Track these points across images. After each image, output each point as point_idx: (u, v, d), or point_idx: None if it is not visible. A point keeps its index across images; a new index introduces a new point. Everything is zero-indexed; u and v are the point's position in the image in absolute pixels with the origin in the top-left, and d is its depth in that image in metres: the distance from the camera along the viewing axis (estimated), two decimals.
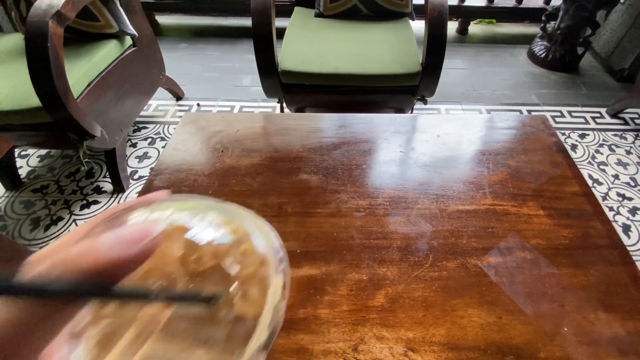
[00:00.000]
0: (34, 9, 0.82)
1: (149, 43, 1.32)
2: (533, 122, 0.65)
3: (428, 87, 1.11)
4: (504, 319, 0.39)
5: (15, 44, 1.14)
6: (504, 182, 0.53)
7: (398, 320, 0.39)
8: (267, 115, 0.68)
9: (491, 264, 0.44)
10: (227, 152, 0.58)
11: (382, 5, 1.30)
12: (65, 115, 0.86)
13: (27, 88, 0.90)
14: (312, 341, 0.38)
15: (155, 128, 1.45)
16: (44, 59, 0.79)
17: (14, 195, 1.19)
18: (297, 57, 1.09)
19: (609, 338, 0.38)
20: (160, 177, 0.54)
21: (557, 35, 1.81)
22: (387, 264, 0.44)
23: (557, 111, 1.60)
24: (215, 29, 2.22)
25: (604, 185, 1.25)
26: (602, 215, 0.49)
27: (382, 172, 0.55)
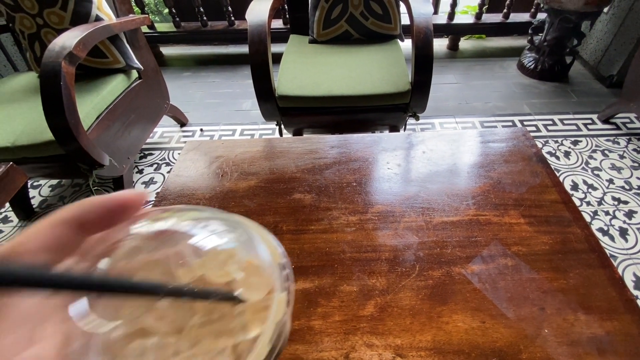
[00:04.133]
0: (48, 50, 0.89)
1: (154, 74, 1.40)
2: (514, 135, 0.69)
3: (418, 104, 1.16)
4: (487, 323, 0.42)
5: (29, 83, 1.22)
6: (486, 193, 0.57)
7: (387, 328, 0.42)
8: (264, 139, 0.73)
9: (474, 272, 0.46)
10: (227, 176, 0.62)
11: (372, 29, 1.37)
12: (76, 147, 0.92)
13: (40, 123, 0.96)
14: (306, 351, 0.40)
15: (160, 154, 1.52)
16: (57, 96, 0.86)
17: (26, 225, 1.24)
18: (292, 82, 1.16)
19: (588, 338, 0.40)
20: (164, 203, 0.58)
21: (544, 47, 1.88)
22: (376, 275, 0.47)
23: (549, 120, 1.64)
24: (216, 57, 2.34)
25: (599, 190, 1.26)
26: (581, 221, 0.52)
27: (371, 189, 0.59)
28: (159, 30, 2.13)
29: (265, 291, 0.15)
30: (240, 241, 0.16)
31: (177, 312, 0.14)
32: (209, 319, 0.14)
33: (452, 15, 2.12)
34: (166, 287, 0.13)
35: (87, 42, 0.95)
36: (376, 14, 1.35)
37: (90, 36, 0.96)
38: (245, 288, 0.14)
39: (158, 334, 0.13)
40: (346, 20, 1.36)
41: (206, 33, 2.14)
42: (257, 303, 0.14)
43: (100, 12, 1.13)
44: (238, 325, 0.14)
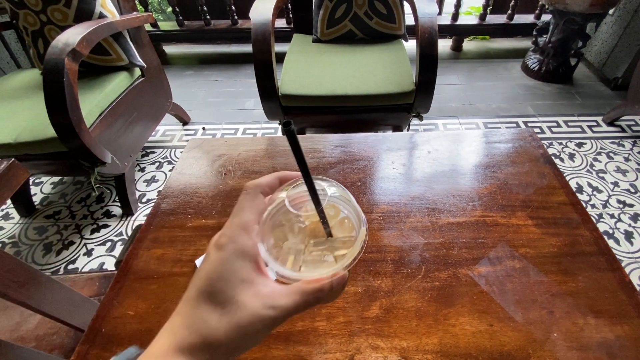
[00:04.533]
0: (51, 47, 0.89)
1: (157, 73, 1.40)
2: (521, 136, 0.68)
3: (422, 104, 1.15)
4: (495, 327, 0.41)
5: (32, 80, 1.22)
6: (492, 194, 0.56)
7: (392, 330, 0.41)
8: (267, 138, 0.72)
9: (482, 274, 0.46)
10: (230, 175, 0.62)
11: (376, 29, 1.37)
12: (79, 145, 0.92)
13: (43, 120, 0.96)
14: (310, 352, 0.40)
15: (162, 152, 1.51)
16: (59, 93, 0.85)
17: (27, 221, 1.24)
18: (296, 81, 1.15)
19: (598, 342, 0.39)
20: (167, 200, 0.57)
21: (549, 49, 1.87)
22: (381, 276, 0.46)
23: (553, 121, 1.63)
24: (219, 56, 2.33)
25: (603, 192, 1.25)
26: (589, 223, 0.51)
27: (376, 189, 0.58)
28: (162, 29, 2.13)
29: (351, 231, 0.26)
30: (346, 199, 0.28)
31: (305, 232, 0.26)
32: (320, 241, 0.26)
33: (456, 16, 2.11)
34: (320, 207, 0.25)
35: (91, 39, 0.95)
36: (380, 13, 1.34)
37: (93, 33, 0.96)
38: (340, 226, 0.27)
39: (293, 241, 0.26)
40: (350, 20, 1.36)
41: (209, 32, 2.14)
42: (346, 238, 0.26)
43: (104, 10, 1.12)
44: (335, 246, 0.26)
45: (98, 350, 0.41)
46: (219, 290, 0.20)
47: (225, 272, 0.21)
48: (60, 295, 0.74)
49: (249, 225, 0.22)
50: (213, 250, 0.22)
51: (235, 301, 0.20)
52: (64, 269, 1.10)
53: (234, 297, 0.20)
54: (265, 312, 0.20)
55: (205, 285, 0.21)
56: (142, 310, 0.44)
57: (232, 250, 0.21)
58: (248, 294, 0.21)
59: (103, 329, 0.43)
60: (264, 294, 0.21)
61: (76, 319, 0.78)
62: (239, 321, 0.20)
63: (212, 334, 0.20)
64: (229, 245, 0.21)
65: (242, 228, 0.22)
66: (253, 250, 0.22)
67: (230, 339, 0.20)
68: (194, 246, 0.51)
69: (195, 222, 0.54)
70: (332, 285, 0.23)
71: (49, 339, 0.88)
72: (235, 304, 0.20)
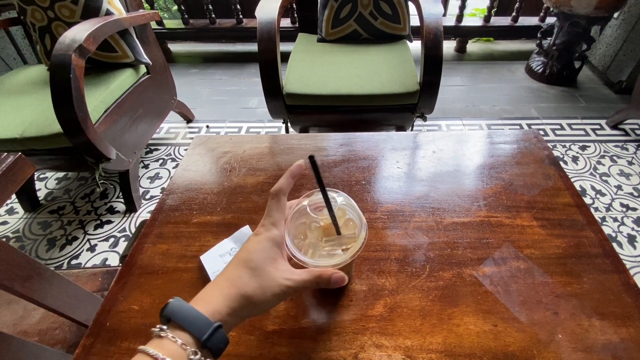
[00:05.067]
0: (58, 43, 0.89)
1: (162, 70, 1.40)
2: (526, 137, 0.68)
3: (427, 105, 1.15)
4: (499, 327, 0.41)
5: (39, 75, 1.23)
6: (497, 195, 0.56)
7: (396, 329, 0.41)
8: (272, 136, 0.72)
9: (486, 274, 0.46)
10: (235, 172, 0.62)
11: (381, 29, 1.37)
12: (84, 140, 0.92)
13: (49, 116, 0.97)
14: (314, 349, 0.40)
15: (166, 150, 1.52)
16: (66, 89, 0.86)
17: (32, 216, 1.25)
18: (300, 80, 1.15)
19: (603, 344, 0.39)
20: (172, 197, 0.58)
21: (553, 51, 1.86)
22: (385, 274, 0.46)
23: (556, 124, 1.62)
24: (224, 54, 2.34)
25: (607, 196, 1.25)
26: (594, 225, 0.51)
27: (381, 188, 0.58)
28: (168, 27, 2.14)
29: (354, 230, 0.36)
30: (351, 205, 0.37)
31: (319, 231, 0.35)
32: (331, 238, 0.36)
33: (461, 18, 2.11)
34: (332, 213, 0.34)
35: (98, 36, 0.96)
36: (385, 14, 1.34)
37: (100, 30, 0.97)
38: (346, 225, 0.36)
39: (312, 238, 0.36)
40: (355, 20, 1.36)
41: (214, 30, 2.15)
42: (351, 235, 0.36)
43: (111, 7, 1.13)
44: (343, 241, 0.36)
45: (102, 344, 0.41)
46: (253, 259, 0.29)
47: (259, 249, 0.30)
48: (64, 290, 0.75)
49: (277, 222, 0.31)
50: (253, 236, 0.31)
51: (263, 269, 0.29)
52: (68, 264, 1.10)
53: (262, 266, 0.29)
54: (282, 281, 0.29)
55: (244, 255, 0.30)
56: (146, 305, 0.44)
57: (266, 237, 0.30)
58: (273, 267, 0.29)
59: (108, 323, 0.43)
60: (283, 269, 0.30)
61: (79, 313, 0.79)
62: (264, 283, 0.28)
63: (243, 288, 0.28)
64: (264, 234, 0.31)
65: (273, 224, 0.31)
66: (280, 239, 0.31)
67: (255, 294, 0.28)
68: (198, 242, 0.51)
69: (200, 218, 0.54)
70: (330, 277, 0.32)
71: (52, 333, 0.88)
72: (263, 271, 0.29)
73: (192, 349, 0.23)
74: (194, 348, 0.24)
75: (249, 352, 0.39)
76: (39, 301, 0.68)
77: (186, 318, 0.25)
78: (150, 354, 0.23)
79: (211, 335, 0.24)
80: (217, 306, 0.26)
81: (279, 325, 0.42)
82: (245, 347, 0.40)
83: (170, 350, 0.23)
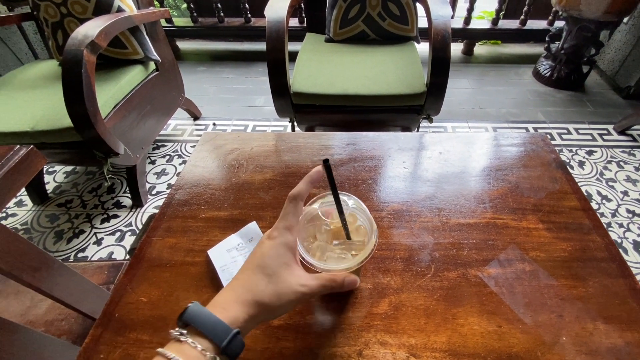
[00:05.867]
0: (70, 39, 0.91)
1: (171, 67, 1.42)
2: (533, 140, 0.68)
3: (433, 107, 1.15)
4: (504, 328, 0.41)
5: (50, 70, 1.24)
6: (503, 197, 0.56)
7: (401, 327, 0.41)
8: (279, 134, 0.73)
9: (491, 275, 0.46)
10: (242, 169, 0.63)
11: (389, 30, 1.37)
12: (93, 135, 0.93)
13: (59, 110, 0.98)
14: (319, 345, 0.40)
15: (173, 146, 1.53)
16: (77, 84, 0.87)
17: (40, 209, 1.27)
18: (308, 79, 1.16)
19: (607, 348, 0.39)
20: (180, 192, 0.58)
21: (561, 55, 1.85)
22: (390, 273, 0.46)
23: (563, 128, 1.61)
24: (231, 53, 2.36)
25: (613, 202, 1.24)
26: (600, 229, 0.51)
27: (387, 187, 0.58)
28: (177, 25, 2.16)
29: (364, 236, 0.36)
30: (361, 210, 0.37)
31: (329, 234, 0.35)
32: (340, 242, 0.35)
33: (468, 20, 2.10)
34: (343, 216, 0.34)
35: (109, 32, 0.97)
36: (393, 15, 1.34)
37: (112, 26, 0.98)
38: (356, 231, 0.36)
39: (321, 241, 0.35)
40: (363, 21, 1.36)
41: (222, 29, 2.16)
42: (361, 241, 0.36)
43: (122, 4, 1.14)
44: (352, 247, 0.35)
45: (111, 334, 0.42)
46: (268, 266, 0.29)
47: (274, 255, 0.29)
48: (71, 282, 0.76)
49: (292, 226, 0.31)
50: (266, 240, 0.31)
51: (279, 276, 0.29)
52: (74, 257, 1.12)
53: (278, 273, 0.29)
54: (298, 288, 0.29)
55: (260, 261, 0.29)
56: (154, 297, 0.45)
57: (280, 242, 0.30)
58: (287, 273, 0.29)
59: (116, 314, 0.44)
60: (298, 275, 0.30)
61: (85, 305, 0.80)
62: (279, 290, 0.28)
63: (260, 295, 0.28)
64: (278, 238, 0.30)
65: (287, 229, 0.31)
66: (293, 244, 0.31)
67: (271, 301, 0.28)
68: (206, 237, 0.51)
69: (208, 213, 0.55)
70: (343, 281, 0.32)
71: (58, 324, 0.90)
72: (278, 277, 0.29)
73: (211, 354, 0.24)
74: (212, 354, 0.24)
75: (255, 345, 0.40)
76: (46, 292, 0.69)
77: (206, 324, 0.25)
78: (170, 357, 0.23)
79: (230, 342, 0.25)
80: (235, 313, 0.26)
81: (285, 320, 0.42)
82: (251, 340, 0.40)
83: (190, 356, 0.23)
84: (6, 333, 0.61)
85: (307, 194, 0.32)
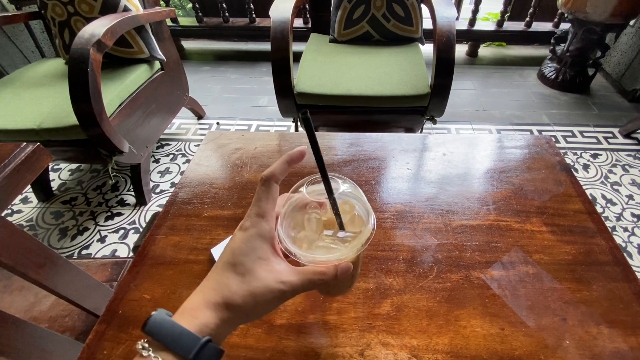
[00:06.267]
0: (77, 37, 0.92)
1: (175, 66, 1.43)
2: (537, 142, 0.67)
3: (437, 108, 1.15)
4: (507, 330, 0.41)
5: (56, 69, 1.26)
6: (507, 199, 0.56)
7: (403, 328, 0.41)
8: (283, 134, 0.73)
9: (494, 277, 0.46)
10: (246, 168, 0.63)
11: (393, 31, 1.37)
12: (99, 133, 0.94)
13: (65, 108, 0.99)
14: (321, 345, 0.40)
15: (177, 145, 1.54)
16: (83, 82, 0.88)
17: (45, 206, 1.28)
18: (312, 79, 1.16)
19: (611, 352, 0.39)
20: (184, 190, 0.59)
21: (566, 58, 1.84)
22: (393, 274, 0.46)
23: (568, 131, 1.60)
24: (235, 53, 2.36)
25: (617, 205, 1.23)
26: (605, 233, 0.51)
27: (390, 188, 0.58)
28: (182, 24, 2.17)
29: (361, 227, 0.29)
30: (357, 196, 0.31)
31: (319, 224, 0.30)
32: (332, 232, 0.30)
33: (473, 22, 2.09)
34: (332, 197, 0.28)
35: (115, 31, 0.98)
36: (398, 16, 1.34)
37: (118, 25, 0.99)
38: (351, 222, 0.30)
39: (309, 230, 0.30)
40: (367, 21, 1.36)
41: (227, 29, 2.17)
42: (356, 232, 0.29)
43: (129, 3, 1.15)
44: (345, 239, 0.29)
45: (114, 330, 0.42)
46: (241, 263, 0.25)
47: (246, 249, 0.25)
48: (76, 278, 0.76)
49: (267, 213, 0.26)
50: (238, 231, 0.26)
51: (253, 273, 0.25)
52: (78, 254, 1.13)
53: (252, 270, 0.25)
54: (275, 285, 0.25)
55: (230, 257, 0.25)
56: (158, 295, 0.45)
57: (253, 233, 0.26)
58: (263, 269, 0.25)
59: (120, 311, 0.44)
60: (276, 270, 0.25)
61: (89, 302, 0.80)
62: (254, 290, 0.24)
63: (231, 296, 0.24)
64: (251, 228, 0.26)
65: (260, 216, 0.26)
66: (270, 234, 0.26)
67: (245, 303, 0.24)
68: (209, 235, 0.52)
69: (211, 212, 0.55)
70: (337, 271, 0.27)
71: (62, 320, 0.90)
72: (252, 275, 0.25)
73: None
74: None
75: (257, 344, 0.40)
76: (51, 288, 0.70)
77: (169, 335, 0.22)
78: None
79: (199, 352, 0.22)
80: (204, 319, 0.23)
81: (287, 319, 0.42)
82: (253, 339, 0.40)
83: None
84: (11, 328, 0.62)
85: (282, 175, 0.28)
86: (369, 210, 0.30)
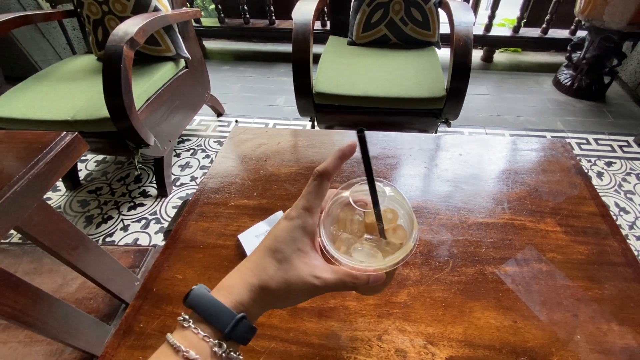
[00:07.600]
0: (112, 35, 0.97)
1: (199, 65, 1.48)
2: (553, 146, 0.69)
3: (452, 111, 1.17)
4: (519, 323, 0.43)
5: (88, 64, 1.32)
6: (522, 199, 0.57)
7: (419, 317, 0.44)
8: (305, 131, 0.76)
9: (508, 273, 0.48)
10: (270, 161, 0.66)
11: (410, 35, 1.39)
12: (128, 126, 0.99)
13: (97, 102, 1.05)
14: (341, 328, 0.43)
15: (197, 140, 1.59)
16: (116, 77, 0.93)
17: (72, 194, 1.34)
18: (330, 80, 1.19)
19: (621, 348, 0.40)
20: (213, 180, 0.62)
21: (582, 65, 1.83)
22: (410, 266, 0.49)
23: (582, 138, 1.59)
24: (255, 53, 2.42)
25: (631, 214, 1.22)
26: (618, 235, 0.52)
27: (407, 185, 0.61)
28: (204, 25, 2.23)
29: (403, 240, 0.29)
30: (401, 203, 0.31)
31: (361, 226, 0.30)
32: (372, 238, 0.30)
33: (489, 27, 2.09)
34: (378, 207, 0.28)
35: (147, 30, 1.03)
36: (416, 20, 1.36)
37: (149, 25, 1.04)
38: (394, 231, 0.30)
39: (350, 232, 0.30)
40: (386, 25, 1.39)
41: (247, 30, 2.22)
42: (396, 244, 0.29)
43: (159, 4, 1.21)
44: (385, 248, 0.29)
45: (149, 306, 0.46)
46: (280, 250, 0.26)
47: (288, 238, 0.26)
48: (104, 262, 0.81)
49: (313, 208, 0.27)
50: (283, 220, 0.27)
51: (290, 262, 0.26)
52: (102, 241, 1.18)
53: (289, 259, 0.26)
54: (309, 279, 0.25)
55: (272, 243, 0.26)
56: (189, 275, 0.49)
57: (297, 224, 0.26)
58: (301, 260, 0.26)
59: (154, 288, 0.48)
60: (312, 264, 0.26)
61: (114, 285, 0.85)
62: (289, 278, 0.25)
63: (267, 280, 0.25)
64: (296, 219, 0.27)
65: (307, 210, 0.27)
66: (312, 228, 0.27)
67: (279, 289, 0.25)
68: (236, 222, 0.55)
69: (238, 201, 0.58)
70: (369, 279, 0.27)
71: (87, 302, 0.95)
72: (289, 264, 0.25)
73: (214, 341, 0.23)
74: (217, 340, 0.23)
75: (281, 324, 0.43)
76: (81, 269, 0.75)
77: (207, 309, 0.24)
78: (172, 344, 0.23)
79: (234, 327, 0.23)
80: (240, 297, 0.24)
81: (309, 303, 0.45)
82: (277, 319, 0.43)
83: (193, 342, 0.23)
84: (45, 304, 0.66)
85: (335, 171, 0.28)
86: (413, 220, 0.30)
